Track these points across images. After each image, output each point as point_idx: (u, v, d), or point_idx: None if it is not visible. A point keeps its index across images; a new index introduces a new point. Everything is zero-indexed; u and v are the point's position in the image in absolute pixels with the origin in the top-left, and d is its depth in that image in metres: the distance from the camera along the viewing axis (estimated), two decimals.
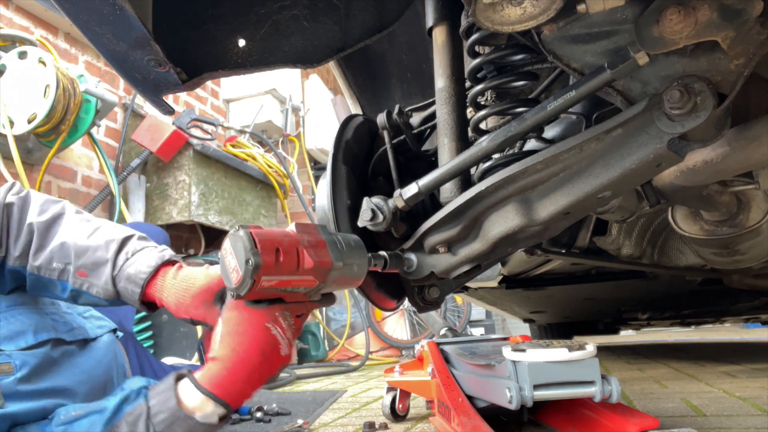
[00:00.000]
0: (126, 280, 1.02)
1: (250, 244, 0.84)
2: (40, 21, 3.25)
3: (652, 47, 0.73)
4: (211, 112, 4.64)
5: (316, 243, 0.91)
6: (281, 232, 0.89)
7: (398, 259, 1.03)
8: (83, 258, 1.04)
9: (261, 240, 0.85)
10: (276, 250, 0.86)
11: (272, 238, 0.87)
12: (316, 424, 1.68)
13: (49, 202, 1.11)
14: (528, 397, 0.97)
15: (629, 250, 1.70)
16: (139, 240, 1.08)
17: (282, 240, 0.88)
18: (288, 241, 0.88)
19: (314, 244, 0.91)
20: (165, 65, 0.96)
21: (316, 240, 0.92)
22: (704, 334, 6.21)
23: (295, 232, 0.91)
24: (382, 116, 1.14)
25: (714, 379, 2.13)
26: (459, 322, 5.34)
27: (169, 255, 1.05)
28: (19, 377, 1.01)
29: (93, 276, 1.04)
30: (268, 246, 0.85)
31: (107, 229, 1.08)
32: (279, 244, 0.87)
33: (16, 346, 1.06)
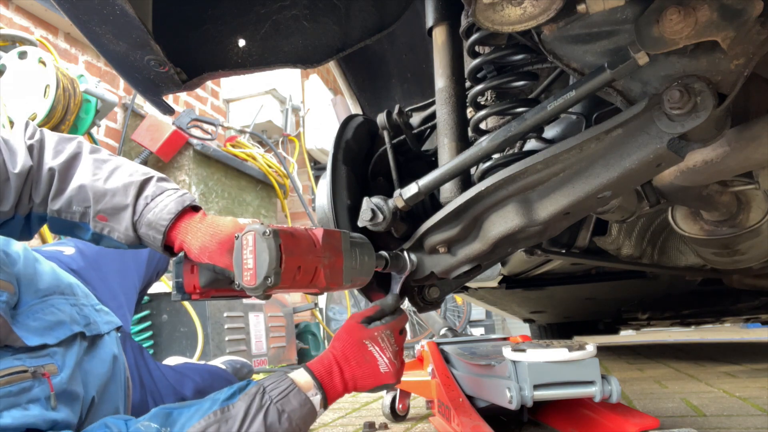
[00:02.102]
0: (147, 226, 1.02)
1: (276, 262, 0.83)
2: (40, 21, 3.25)
3: (652, 47, 0.73)
4: (211, 112, 4.64)
5: (335, 262, 0.91)
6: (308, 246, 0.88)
7: (398, 259, 1.03)
8: (102, 203, 1.03)
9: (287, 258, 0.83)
10: (297, 268, 0.85)
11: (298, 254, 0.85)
12: (316, 424, 1.68)
13: (63, 141, 1.09)
14: (528, 397, 0.97)
15: (629, 250, 1.70)
16: (158, 182, 1.07)
17: (306, 257, 0.86)
18: (311, 259, 0.87)
19: (333, 264, 0.90)
20: (165, 65, 0.96)
21: (336, 259, 0.91)
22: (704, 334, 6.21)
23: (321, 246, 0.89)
24: (382, 116, 1.14)
25: (714, 379, 2.13)
26: (459, 322, 5.35)
27: (189, 200, 1.05)
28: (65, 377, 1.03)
29: (113, 221, 1.03)
30: (292, 266, 0.84)
31: (125, 170, 1.06)
32: (302, 262, 0.86)
33: (56, 339, 1.07)
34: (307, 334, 4.43)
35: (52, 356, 1.04)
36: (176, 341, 3.03)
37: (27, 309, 1.07)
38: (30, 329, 1.04)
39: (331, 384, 1.01)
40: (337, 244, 0.92)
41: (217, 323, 3.12)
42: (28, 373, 0.97)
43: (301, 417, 0.98)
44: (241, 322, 3.32)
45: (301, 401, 0.98)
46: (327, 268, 0.89)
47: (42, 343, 1.04)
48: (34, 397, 0.96)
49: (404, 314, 1.06)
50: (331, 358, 1.02)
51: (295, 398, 0.97)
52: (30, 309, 1.08)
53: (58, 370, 1.03)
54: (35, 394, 0.97)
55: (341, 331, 1.04)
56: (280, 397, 0.97)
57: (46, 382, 0.99)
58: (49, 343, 1.05)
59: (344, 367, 1.01)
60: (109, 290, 1.43)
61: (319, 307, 4.90)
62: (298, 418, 0.97)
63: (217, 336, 3.08)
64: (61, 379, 1.02)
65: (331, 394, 1.01)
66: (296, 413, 0.97)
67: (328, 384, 1.00)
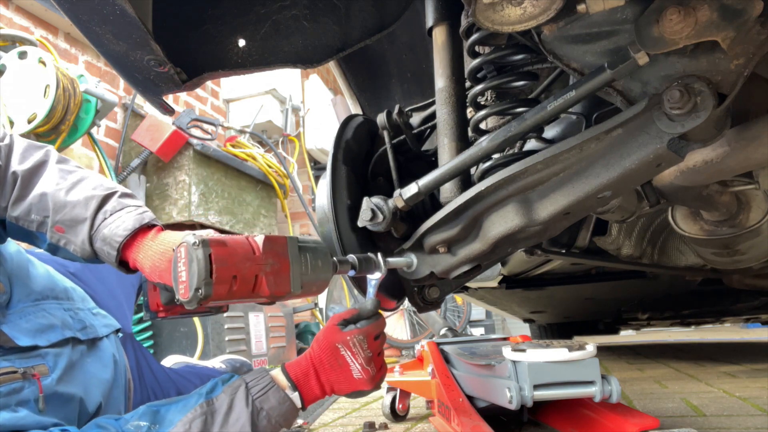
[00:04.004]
0: (102, 241, 1.00)
1: (205, 273, 0.81)
2: (40, 21, 3.25)
3: (652, 47, 0.73)
4: (211, 112, 4.63)
5: (280, 268, 0.88)
6: (245, 254, 0.86)
7: (369, 262, 1.01)
8: (61, 213, 1.01)
9: (218, 268, 0.82)
10: (233, 278, 0.83)
11: (232, 263, 0.83)
12: (316, 424, 1.68)
13: (31, 149, 1.08)
14: (528, 397, 0.97)
15: (629, 250, 1.70)
16: (120, 198, 1.05)
17: (241, 266, 0.84)
18: (249, 266, 0.85)
19: (277, 270, 0.88)
20: (165, 65, 0.96)
21: (281, 264, 0.89)
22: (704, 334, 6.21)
23: (261, 254, 0.87)
24: (382, 116, 1.14)
25: (714, 379, 2.13)
26: (459, 322, 5.34)
27: (149, 218, 1.03)
28: (55, 378, 1.02)
29: (70, 233, 1.02)
30: (225, 276, 0.82)
31: (89, 183, 1.05)
32: (237, 271, 0.84)
33: (47, 341, 1.06)
34: (307, 334, 4.42)
35: (44, 357, 1.04)
36: (176, 341, 3.03)
37: (19, 311, 1.07)
38: (21, 330, 1.03)
39: (307, 386, 1.01)
40: (282, 249, 0.89)
41: (217, 323, 3.12)
42: (17, 374, 0.96)
43: (280, 414, 0.99)
44: (241, 322, 3.32)
45: (280, 399, 0.99)
46: (270, 275, 0.87)
47: (33, 344, 1.03)
48: (24, 398, 0.96)
49: (381, 319, 1.05)
50: (309, 360, 1.02)
51: (274, 396, 0.99)
52: (22, 311, 1.07)
53: (49, 371, 1.02)
54: (25, 395, 0.96)
55: (320, 333, 1.04)
56: (260, 394, 0.98)
57: (36, 384, 0.98)
58: (41, 344, 1.04)
59: (320, 371, 1.01)
60: (107, 290, 1.42)
61: (319, 307, 4.89)
62: (277, 415, 0.98)
63: (217, 336, 3.08)
64: (52, 380, 1.02)
65: (307, 396, 1.02)
66: (275, 411, 0.98)
67: (304, 386, 1.01)
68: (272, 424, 0.99)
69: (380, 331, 1.05)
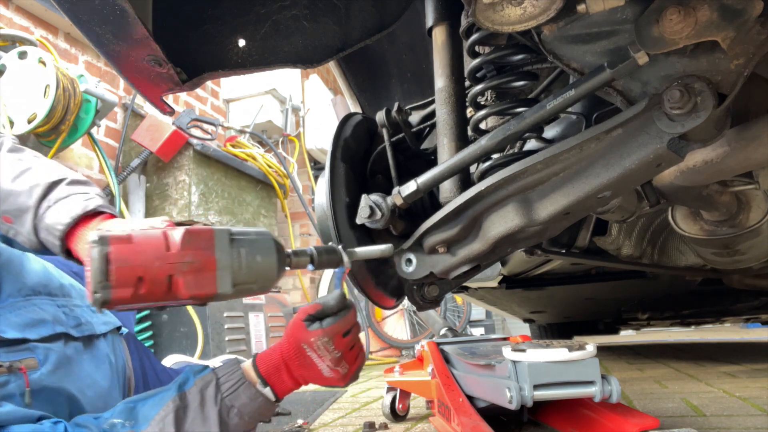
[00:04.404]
0: (45, 230, 0.96)
1: (101, 276, 0.72)
2: (40, 21, 3.25)
3: (652, 47, 0.73)
4: (211, 112, 4.63)
5: (202, 265, 0.78)
6: (154, 252, 0.76)
7: (332, 253, 0.95)
8: (7, 203, 0.98)
9: (118, 269, 0.73)
10: (138, 280, 0.74)
11: (136, 263, 0.74)
12: (316, 424, 1.68)
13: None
14: (528, 397, 0.97)
15: (629, 250, 1.70)
16: (68, 185, 1.00)
17: (149, 265, 0.75)
18: (158, 265, 0.75)
19: (198, 267, 0.78)
20: (165, 65, 0.96)
21: (204, 261, 0.78)
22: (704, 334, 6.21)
23: (178, 250, 0.77)
24: (381, 114, 1.14)
25: (714, 379, 2.13)
26: (459, 322, 5.34)
27: (94, 205, 0.97)
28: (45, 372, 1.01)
29: (17, 223, 0.98)
30: (126, 276, 0.73)
31: (36, 172, 1.00)
32: (144, 272, 0.74)
33: (37, 335, 1.05)
34: None
35: (33, 350, 1.03)
36: (176, 341, 3.03)
37: (9, 305, 1.06)
38: (10, 323, 1.02)
39: (279, 381, 0.99)
40: (206, 244, 0.79)
41: (217, 323, 3.12)
42: (3, 368, 0.96)
43: (253, 410, 0.97)
44: (241, 322, 3.32)
45: (251, 396, 0.97)
46: (189, 275, 0.77)
47: (22, 338, 1.02)
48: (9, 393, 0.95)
49: (350, 314, 1.01)
50: (279, 354, 0.99)
51: (245, 393, 0.97)
52: (12, 305, 1.06)
53: (38, 365, 1.01)
54: (10, 390, 0.95)
55: (287, 327, 1.01)
56: (230, 392, 0.96)
57: (23, 378, 0.97)
58: (30, 338, 1.03)
59: (290, 366, 0.99)
60: None
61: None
62: (249, 411, 0.97)
63: (217, 336, 3.08)
64: (41, 374, 1.01)
65: (280, 389, 1.00)
66: (247, 407, 0.97)
67: (276, 381, 0.99)
68: (245, 421, 0.97)
69: (348, 327, 1.00)
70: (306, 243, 5.23)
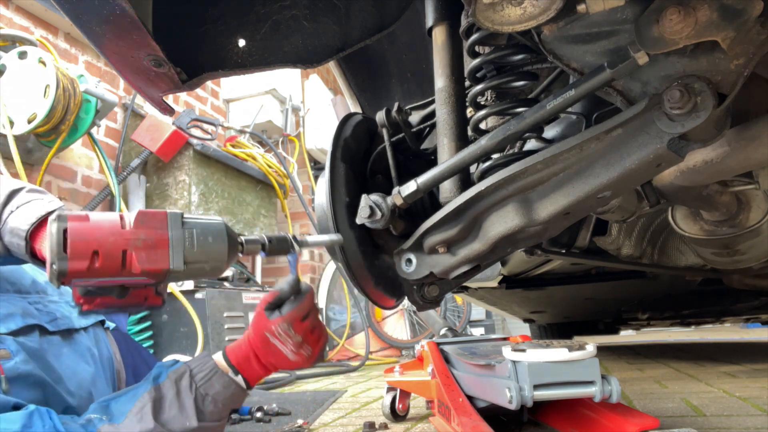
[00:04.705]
0: (10, 233, 1.01)
1: (58, 248, 0.78)
2: (40, 21, 3.25)
3: (652, 47, 0.73)
4: (211, 112, 4.63)
5: (155, 242, 0.84)
6: (108, 229, 0.82)
7: (283, 241, 0.99)
8: None
9: (74, 242, 0.79)
10: (93, 254, 0.80)
11: (90, 238, 0.80)
12: (316, 424, 1.68)
13: None
14: (528, 397, 0.97)
15: (629, 250, 1.70)
16: (29, 192, 1.05)
17: (104, 240, 0.81)
18: (113, 240, 0.81)
19: (152, 244, 0.84)
20: (165, 65, 0.96)
21: (156, 238, 0.84)
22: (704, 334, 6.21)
23: (132, 229, 0.83)
24: (381, 114, 1.14)
25: (714, 379, 2.13)
26: (459, 322, 5.34)
27: (55, 206, 1.03)
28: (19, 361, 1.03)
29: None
30: (82, 249, 0.79)
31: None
32: (99, 246, 0.80)
33: (6, 328, 1.07)
34: None
35: (3, 342, 1.05)
36: (176, 341, 3.03)
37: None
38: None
39: (249, 369, 1.05)
40: (160, 224, 0.86)
41: (217, 323, 3.12)
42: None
43: (227, 398, 1.03)
44: (241, 322, 3.32)
45: (225, 383, 1.03)
46: (142, 251, 0.83)
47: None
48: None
49: (306, 299, 1.04)
50: (247, 344, 1.05)
51: (219, 381, 1.02)
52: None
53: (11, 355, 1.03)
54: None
55: (253, 318, 1.06)
56: (204, 380, 1.02)
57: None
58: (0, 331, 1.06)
59: (258, 354, 1.04)
60: None
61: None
62: (223, 399, 1.02)
63: (217, 336, 3.08)
64: (15, 363, 1.02)
65: (251, 377, 1.05)
66: (220, 395, 1.02)
67: (246, 369, 1.04)
68: (219, 408, 1.02)
69: (306, 312, 1.04)
70: None
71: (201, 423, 0.99)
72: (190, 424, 0.98)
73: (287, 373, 3.05)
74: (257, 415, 1.71)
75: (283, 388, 2.77)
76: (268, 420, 1.71)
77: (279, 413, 1.79)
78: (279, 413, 1.79)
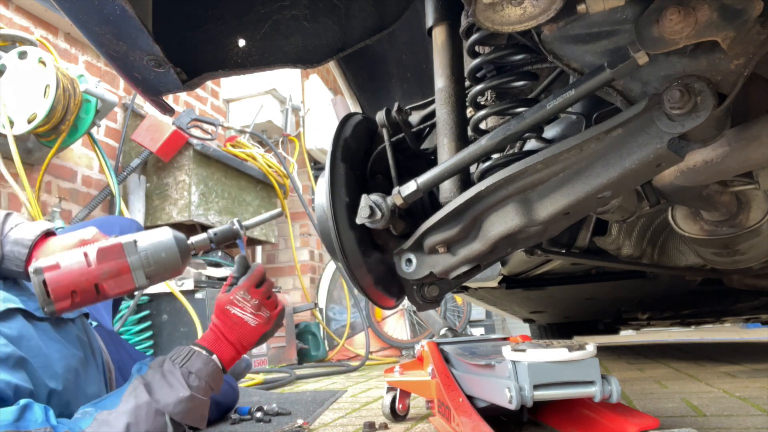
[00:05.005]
0: (12, 243, 1.16)
1: (43, 296, 0.97)
2: (40, 21, 3.25)
3: (652, 47, 0.73)
4: (211, 112, 4.64)
5: (119, 270, 1.03)
6: (78, 271, 1.00)
7: (227, 230, 1.19)
8: None
9: (54, 288, 0.97)
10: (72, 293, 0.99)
11: (66, 282, 0.98)
12: (316, 424, 1.68)
13: None
14: (528, 397, 0.97)
15: (629, 250, 1.70)
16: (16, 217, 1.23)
17: (77, 281, 0.99)
18: (84, 279, 1.00)
19: (116, 273, 1.03)
20: (165, 65, 0.96)
21: (119, 267, 1.03)
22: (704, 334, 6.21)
23: (96, 266, 1.01)
24: (381, 114, 1.14)
25: (714, 379, 2.13)
26: (459, 322, 5.34)
27: (47, 227, 1.21)
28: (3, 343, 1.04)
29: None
30: (62, 292, 0.98)
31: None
32: (74, 287, 0.99)
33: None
34: (307, 334, 4.43)
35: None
36: (176, 341, 3.03)
37: None
38: None
39: (220, 349, 1.17)
40: (118, 255, 1.04)
41: None
42: None
43: (208, 374, 1.14)
44: None
45: (204, 360, 1.14)
46: (110, 280, 1.02)
47: None
48: None
49: (255, 271, 1.21)
50: (214, 328, 1.19)
51: (198, 359, 1.14)
52: None
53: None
54: None
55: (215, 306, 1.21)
56: (185, 361, 1.13)
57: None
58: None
59: (225, 333, 1.18)
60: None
61: (319, 307, 4.89)
62: (206, 375, 1.13)
63: None
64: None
65: (224, 357, 1.18)
66: (203, 372, 1.13)
67: (218, 349, 1.17)
68: (204, 384, 1.13)
69: (259, 280, 1.21)
70: (306, 243, 5.24)
71: (192, 393, 1.10)
72: (183, 394, 1.08)
73: (287, 373, 3.05)
74: (257, 415, 1.71)
75: (283, 388, 2.77)
76: (268, 420, 1.71)
77: (279, 413, 1.79)
78: (279, 413, 1.79)
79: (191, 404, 1.10)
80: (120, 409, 1.02)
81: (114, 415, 1.01)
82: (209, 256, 3.96)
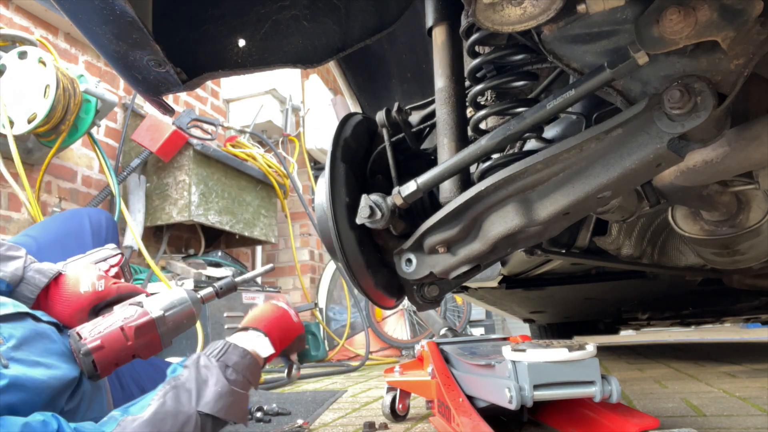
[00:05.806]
0: (35, 270, 1.22)
1: (93, 370, 1.09)
2: (40, 21, 3.25)
3: (652, 47, 0.73)
4: (211, 112, 4.64)
5: (151, 342, 1.17)
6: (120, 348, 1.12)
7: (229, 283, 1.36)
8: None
9: (101, 365, 1.09)
10: (114, 365, 1.12)
11: (111, 359, 1.10)
12: (316, 424, 1.68)
13: None
14: (528, 397, 0.97)
15: (629, 250, 1.70)
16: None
17: (119, 356, 1.12)
18: (125, 354, 1.13)
19: (149, 344, 1.16)
20: (165, 65, 0.96)
21: (152, 339, 1.17)
22: (704, 334, 6.21)
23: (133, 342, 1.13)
24: (381, 114, 1.14)
25: (714, 379, 2.13)
26: (459, 322, 5.34)
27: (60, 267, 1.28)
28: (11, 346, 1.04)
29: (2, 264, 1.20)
30: (107, 367, 1.11)
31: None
32: (117, 360, 1.12)
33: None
34: (307, 334, 4.42)
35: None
36: (176, 342, 3.01)
37: None
38: None
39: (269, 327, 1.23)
40: (150, 329, 1.16)
41: (217, 323, 3.12)
42: None
43: (245, 367, 1.12)
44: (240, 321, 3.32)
45: (240, 354, 1.13)
46: (144, 350, 1.16)
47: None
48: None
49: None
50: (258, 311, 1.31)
51: (234, 353, 1.13)
52: None
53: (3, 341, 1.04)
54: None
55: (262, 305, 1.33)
56: (220, 354, 1.12)
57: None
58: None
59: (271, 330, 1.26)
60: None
61: (319, 307, 4.89)
62: (243, 368, 1.12)
63: (217, 336, 3.08)
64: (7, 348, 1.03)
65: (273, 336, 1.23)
66: (240, 365, 1.11)
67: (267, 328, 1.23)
68: (242, 378, 1.11)
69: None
70: (306, 243, 5.24)
71: (231, 387, 1.07)
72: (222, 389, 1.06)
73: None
74: (257, 415, 1.71)
75: (283, 388, 2.77)
76: (268, 420, 1.71)
77: (279, 413, 1.79)
78: (279, 413, 1.79)
79: (231, 399, 1.06)
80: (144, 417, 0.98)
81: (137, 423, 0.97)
82: (209, 256, 3.96)
